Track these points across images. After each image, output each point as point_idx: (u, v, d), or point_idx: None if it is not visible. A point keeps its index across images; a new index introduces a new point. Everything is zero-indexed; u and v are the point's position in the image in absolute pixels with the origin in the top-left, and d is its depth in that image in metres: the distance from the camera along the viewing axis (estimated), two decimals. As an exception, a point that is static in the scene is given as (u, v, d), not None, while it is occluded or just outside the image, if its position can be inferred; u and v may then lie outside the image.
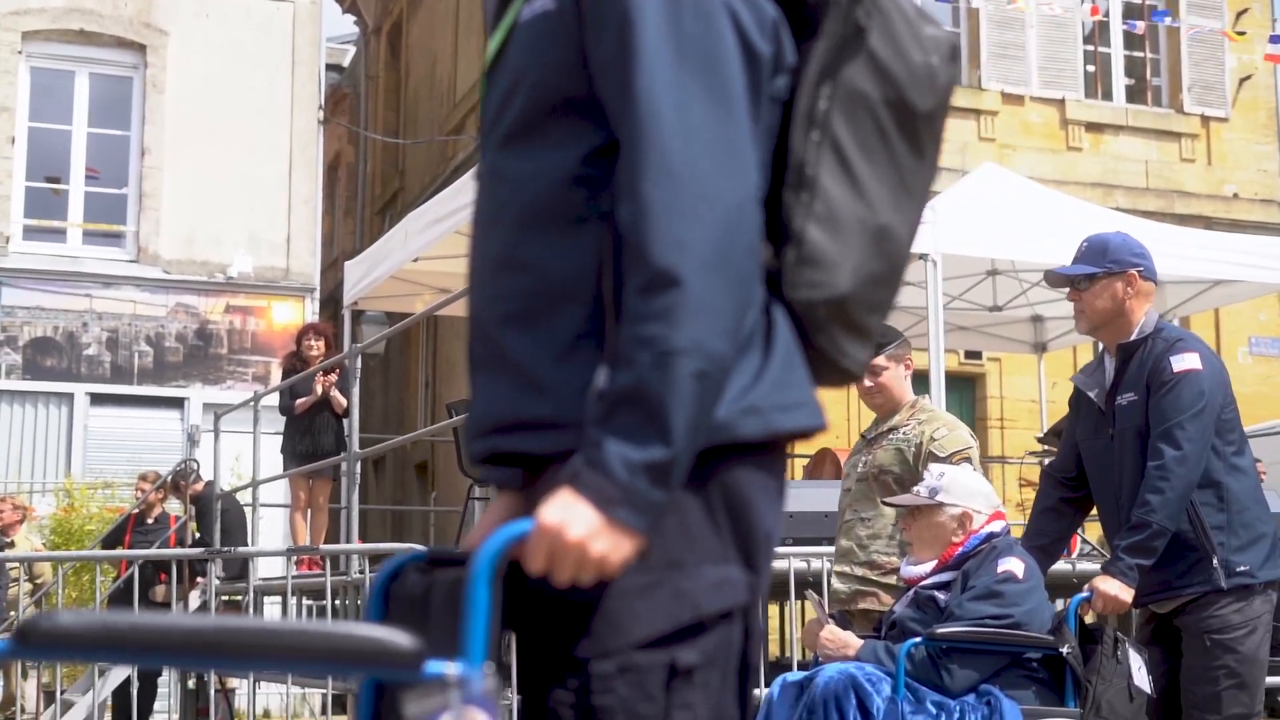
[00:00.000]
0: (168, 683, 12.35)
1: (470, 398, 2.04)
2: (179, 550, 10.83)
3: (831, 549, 7.21)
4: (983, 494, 5.03)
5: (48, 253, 16.63)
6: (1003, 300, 13.43)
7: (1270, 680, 11.75)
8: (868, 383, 5.78)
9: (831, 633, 4.91)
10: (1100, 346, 5.05)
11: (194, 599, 10.87)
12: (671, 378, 1.78)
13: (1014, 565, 4.77)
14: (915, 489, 5.10)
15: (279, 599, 10.50)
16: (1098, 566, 5.05)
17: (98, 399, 16.46)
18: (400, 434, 14.01)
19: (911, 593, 4.95)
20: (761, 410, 1.91)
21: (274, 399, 11.79)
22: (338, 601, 9.11)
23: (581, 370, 1.87)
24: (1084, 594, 4.76)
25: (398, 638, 1.68)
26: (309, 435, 11.35)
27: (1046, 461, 12.37)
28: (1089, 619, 4.88)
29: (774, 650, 11.01)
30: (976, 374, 18.41)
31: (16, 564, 10.37)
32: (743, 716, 1.94)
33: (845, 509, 5.83)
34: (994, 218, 11.08)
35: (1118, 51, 19.88)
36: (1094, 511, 5.14)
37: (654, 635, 1.85)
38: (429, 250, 10.67)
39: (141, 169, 16.84)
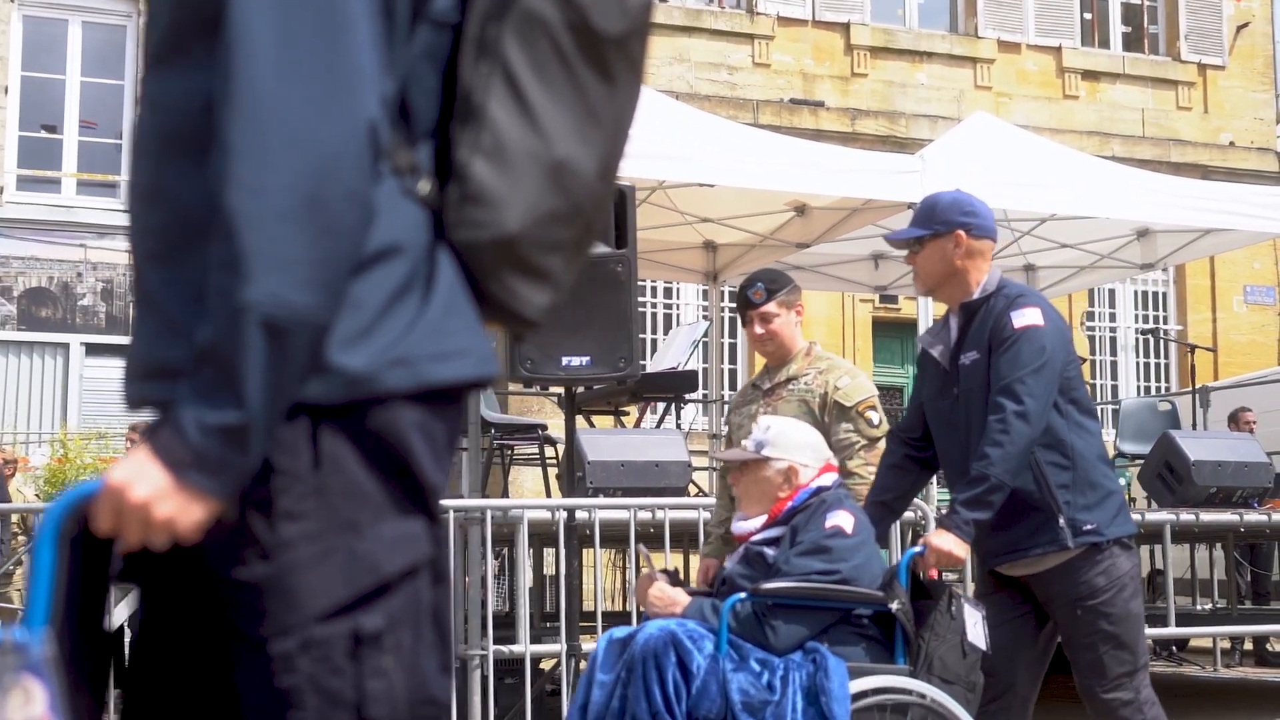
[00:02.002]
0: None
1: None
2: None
3: (673, 499, 7.21)
4: (811, 446, 4.91)
5: (42, 203, 16.61)
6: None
7: (1262, 628, 11.86)
8: (759, 330, 5.69)
9: (660, 589, 4.78)
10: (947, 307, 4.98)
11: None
12: (244, 336, 1.65)
13: (843, 519, 4.67)
14: (743, 442, 4.99)
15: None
16: None
17: (93, 349, 16.48)
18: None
19: (742, 549, 4.85)
20: (411, 361, 1.78)
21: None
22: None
23: None
24: (917, 549, 4.68)
25: None
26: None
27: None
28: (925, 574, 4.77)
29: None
30: (971, 323, 18.42)
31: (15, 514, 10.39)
32: (445, 666, 1.86)
33: None
34: (984, 167, 11.04)
35: (1115, -1, 19.81)
36: None
37: (333, 606, 1.75)
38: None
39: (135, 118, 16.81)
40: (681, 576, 5.06)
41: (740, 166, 10.21)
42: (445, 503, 7.39)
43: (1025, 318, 4.58)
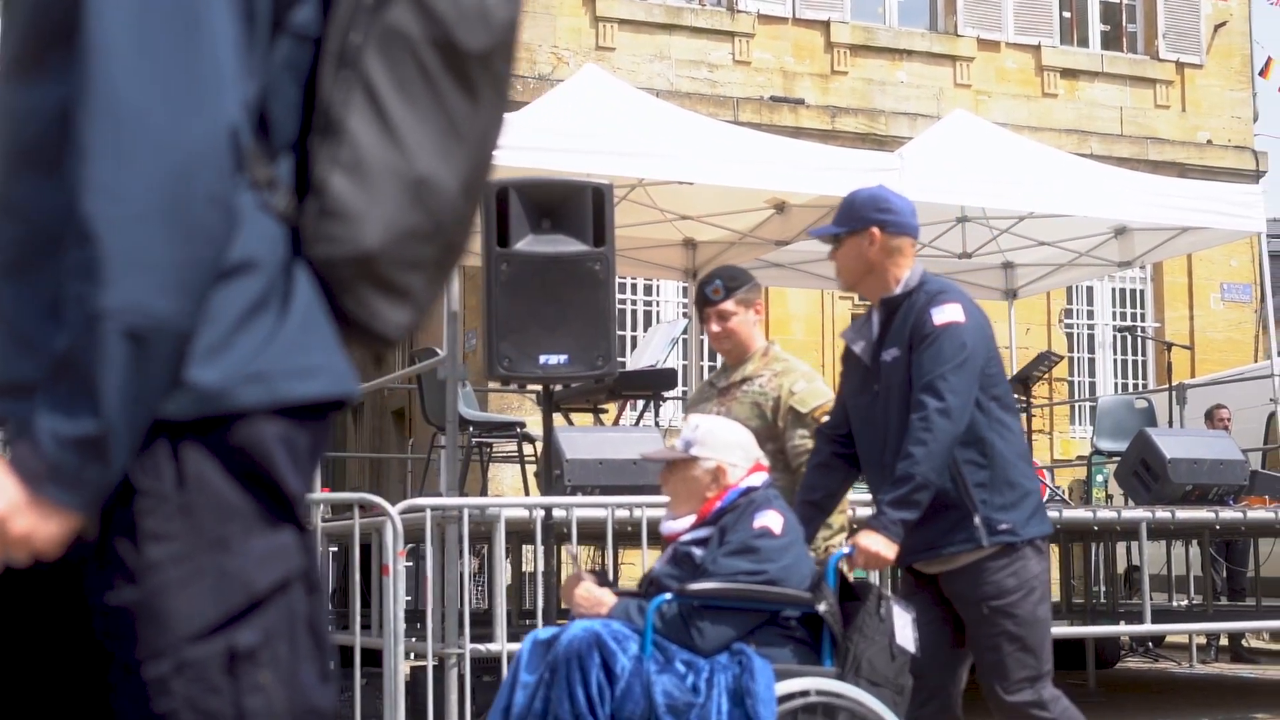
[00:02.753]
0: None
1: None
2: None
3: (645, 499, 7.03)
4: (740, 446, 4.86)
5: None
6: (972, 247, 13.45)
7: (1237, 625, 11.91)
8: (715, 328, 5.61)
9: (586, 589, 4.71)
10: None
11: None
12: (102, 343, 1.60)
13: (771, 520, 4.62)
14: (673, 441, 4.93)
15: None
16: None
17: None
18: (379, 380, 14.01)
19: (670, 549, 4.81)
20: (267, 376, 1.74)
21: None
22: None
23: None
24: (845, 549, 4.63)
25: None
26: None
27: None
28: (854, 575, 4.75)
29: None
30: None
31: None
32: (325, 674, 1.84)
33: None
34: (963, 165, 11.09)
35: (1094, -3, 19.89)
36: None
37: (206, 625, 1.71)
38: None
39: None
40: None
41: (719, 164, 10.24)
42: (423, 501, 7.42)
43: (945, 314, 4.54)
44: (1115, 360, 19.28)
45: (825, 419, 5.43)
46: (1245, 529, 10.86)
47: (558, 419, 9.32)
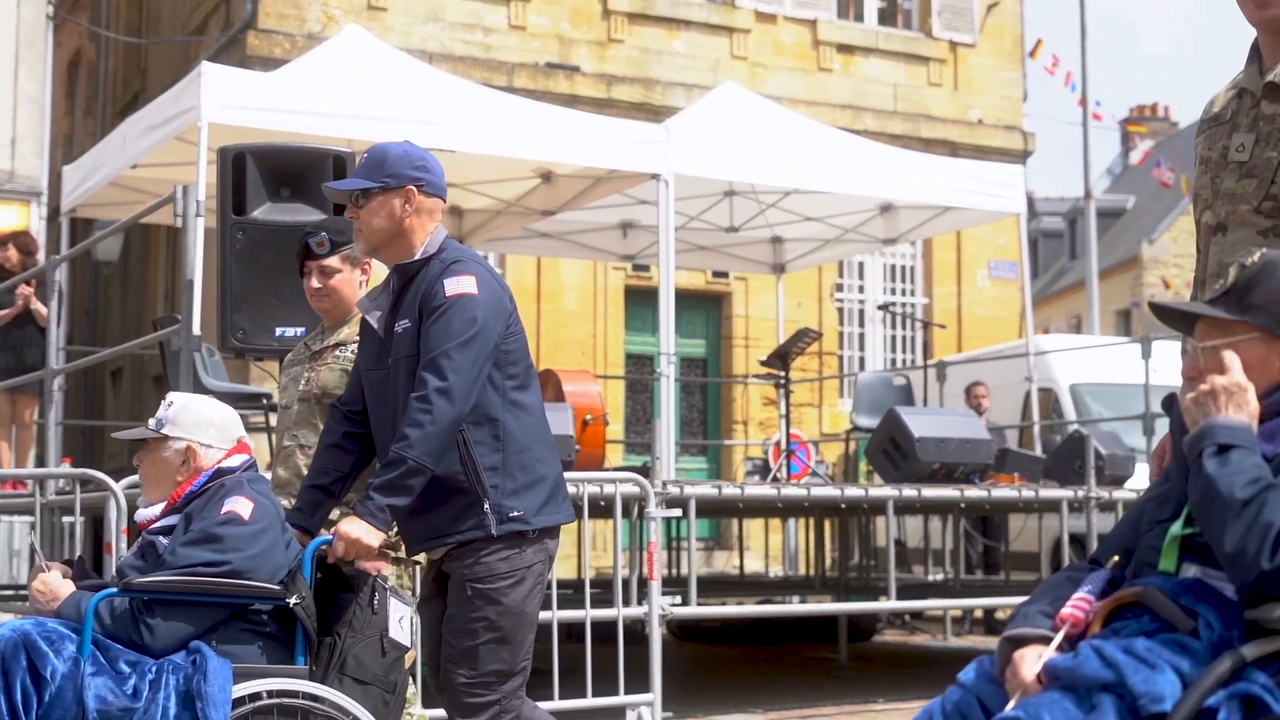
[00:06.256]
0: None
1: None
2: None
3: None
4: (215, 425, 4.46)
5: None
6: (739, 221, 13.47)
7: (984, 601, 12.12)
8: (315, 284, 5.16)
9: (43, 582, 4.23)
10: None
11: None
12: None
13: (240, 506, 4.24)
14: (149, 420, 4.51)
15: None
16: None
17: None
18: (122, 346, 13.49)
19: (140, 538, 4.39)
20: None
21: (-24, 310, 11.25)
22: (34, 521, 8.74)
23: None
24: (326, 536, 4.28)
25: None
26: (10, 350, 10.86)
27: (776, 383, 12.50)
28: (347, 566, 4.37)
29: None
30: (723, 293, 18.52)
31: None
32: None
33: (283, 433, 5.16)
34: (731, 138, 11.06)
35: (870, -27, 20.06)
36: None
37: None
38: (147, 157, 10.24)
39: None
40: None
41: (483, 131, 10.03)
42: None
43: (459, 285, 4.26)
44: (885, 335, 19.55)
45: None
46: (990, 506, 11.06)
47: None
